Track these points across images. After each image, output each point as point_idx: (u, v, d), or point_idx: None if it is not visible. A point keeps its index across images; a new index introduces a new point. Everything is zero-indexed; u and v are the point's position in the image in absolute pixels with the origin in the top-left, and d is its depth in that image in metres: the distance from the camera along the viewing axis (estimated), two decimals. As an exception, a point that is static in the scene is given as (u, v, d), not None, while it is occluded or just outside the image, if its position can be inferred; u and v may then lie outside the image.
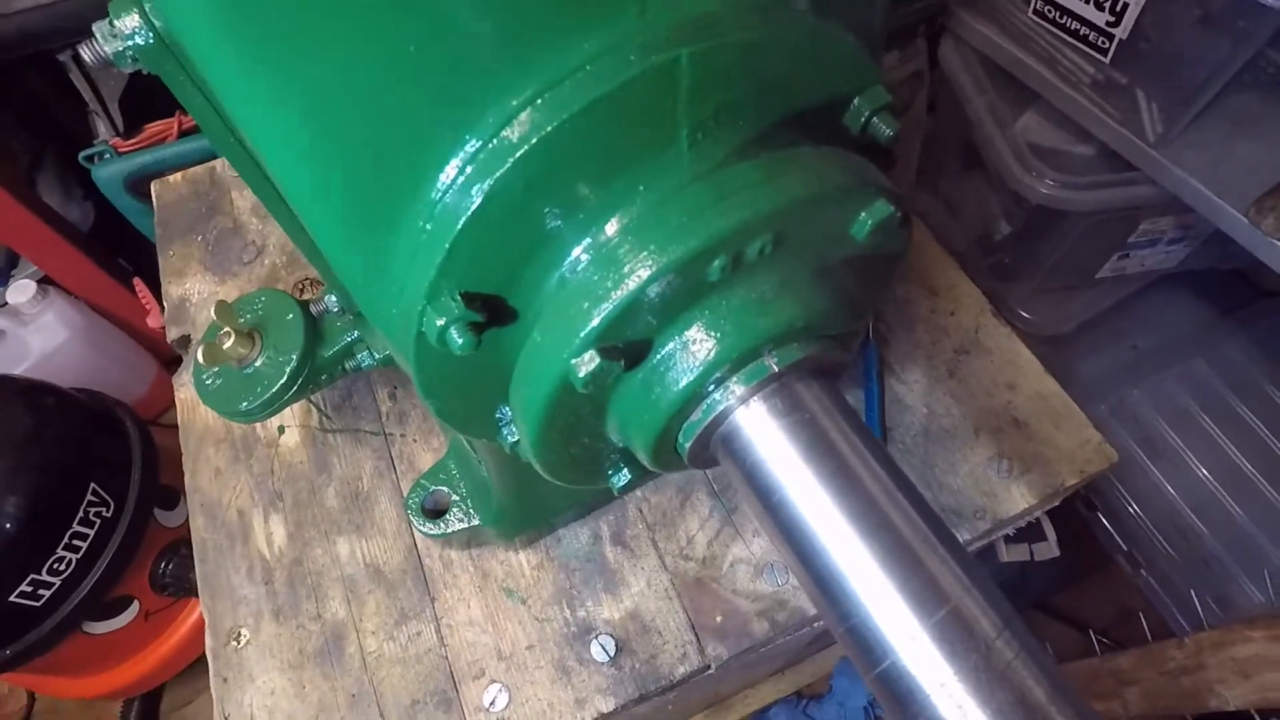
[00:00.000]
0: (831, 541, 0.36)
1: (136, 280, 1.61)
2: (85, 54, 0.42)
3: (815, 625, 0.70)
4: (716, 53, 0.33)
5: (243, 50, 0.29)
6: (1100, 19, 1.05)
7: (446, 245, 0.34)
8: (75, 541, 1.22)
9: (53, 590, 1.21)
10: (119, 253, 1.69)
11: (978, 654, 0.32)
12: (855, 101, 0.41)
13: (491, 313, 0.38)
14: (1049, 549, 1.21)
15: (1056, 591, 1.51)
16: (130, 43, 0.38)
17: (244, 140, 0.40)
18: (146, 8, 0.38)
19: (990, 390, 0.77)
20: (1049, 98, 1.17)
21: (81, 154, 1.35)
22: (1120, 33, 1.04)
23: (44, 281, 1.58)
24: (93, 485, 1.25)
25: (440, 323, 0.35)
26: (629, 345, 0.37)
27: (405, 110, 0.32)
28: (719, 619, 0.69)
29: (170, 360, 1.83)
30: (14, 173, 1.49)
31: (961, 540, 0.71)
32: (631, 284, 0.34)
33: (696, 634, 0.68)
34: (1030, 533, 1.20)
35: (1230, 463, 1.40)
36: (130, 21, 0.38)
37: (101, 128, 1.43)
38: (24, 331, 1.55)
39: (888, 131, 0.41)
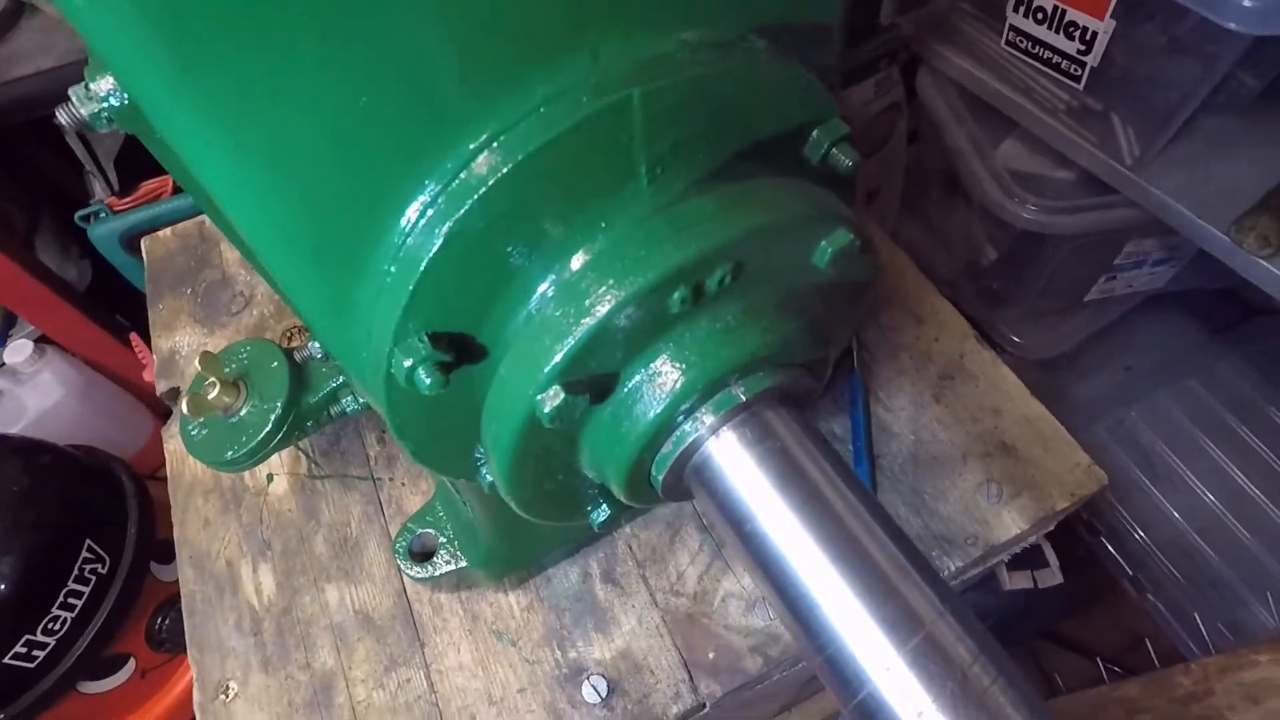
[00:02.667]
0: (804, 569, 0.36)
1: (133, 335, 1.62)
2: (62, 117, 0.44)
3: (811, 660, 0.69)
4: (669, 91, 0.34)
5: (198, 108, 0.30)
6: (1071, 48, 1.08)
7: (410, 287, 0.34)
8: (70, 600, 1.21)
9: (48, 650, 1.19)
10: (116, 309, 1.70)
11: (954, 680, 0.32)
12: (815, 134, 0.42)
13: (460, 351, 0.38)
14: (1052, 575, 1.19)
15: (1064, 619, 1.49)
16: (105, 104, 0.39)
17: (204, 187, 0.41)
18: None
19: (976, 415, 0.77)
20: (1027, 125, 1.19)
21: (78, 214, 1.38)
22: (1091, 60, 1.06)
23: (41, 340, 1.60)
24: (88, 542, 1.25)
25: (408, 364, 0.36)
26: (595, 379, 0.37)
27: (364, 158, 0.32)
28: (711, 655, 0.67)
29: (167, 413, 1.84)
30: (12, 236, 1.52)
31: (956, 568, 0.70)
32: (592, 318, 0.34)
33: (689, 672, 0.67)
34: (1033, 559, 1.18)
35: (1232, 483, 1.39)
36: (105, 84, 0.39)
37: (98, 188, 1.46)
38: (20, 390, 1.55)
39: (847, 162, 0.42)
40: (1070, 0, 1.03)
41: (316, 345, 0.69)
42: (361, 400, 0.70)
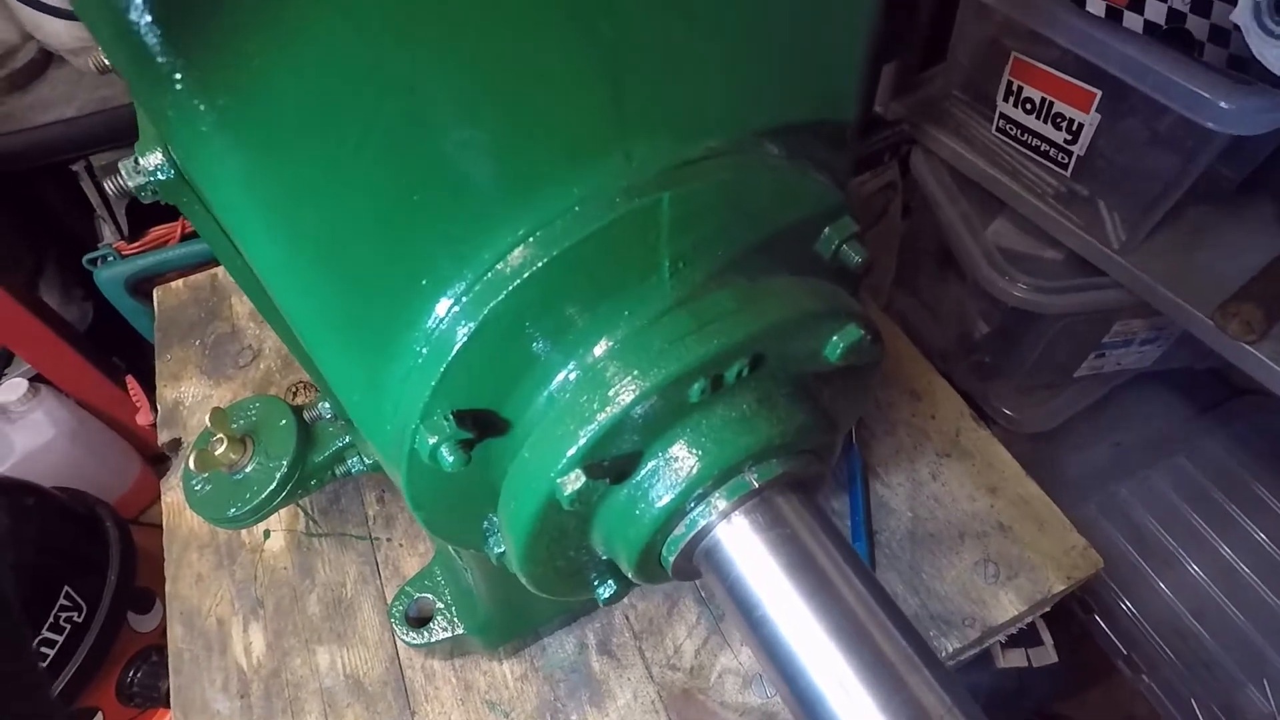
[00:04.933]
0: (813, 660, 0.36)
1: (129, 378, 1.62)
2: (109, 187, 0.46)
3: (807, 740, 0.68)
4: (696, 194, 0.36)
5: (253, 193, 0.31)
6: (1059, 137, 1.13)
7: (441, 369, 0.36)
8: (43, 649, 1.18)
9: (14, 703, 1.16)
10: (114, 351, 1.71)
11: (962, 778, 0.32)
12: (826, 231, 0.44)
13: (483, 427, 0.39)
14: (1047, 654, 1.19)
15: (1058, 699, 1.47)
16: (152, 178, 0.41)
17: (253, 268, 0.42)
18: (169, 147, 0.41)
19: (973, 494, 0.78)
20: (1016, 207, 1.24)
21: (86, 257, 1.39)
22: (1078, 149, 1.11)
23: (35, 379, 1.59)
24: (66, 589, 1.22)
25: (432, 441, 0.37)
26: (614, 463, 0.38)
27: (406, 247, 0.34)
28: (708, 734, 0.67)
29: (155, 457, 1.82)
30: (17, 274, 1.53)
31: (953, 649, 0.70)
32: (615, 407, 0.35)
33: (685, 751, 0.66)
34: (1027, 637, 1.18)
35: (1223, 562, 1.40)
36: (154, 159, 0.41)
37: (107, 231, 1.48)
38: (11, 429, 1.54)
39: (856, 258, 0.44)
40: (1057, 94, 1.09)
41: (326, 406, 0.70)
42: (367, 461, 0.71)
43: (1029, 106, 1.14)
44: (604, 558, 0.46)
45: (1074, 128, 1.09)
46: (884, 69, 1.34)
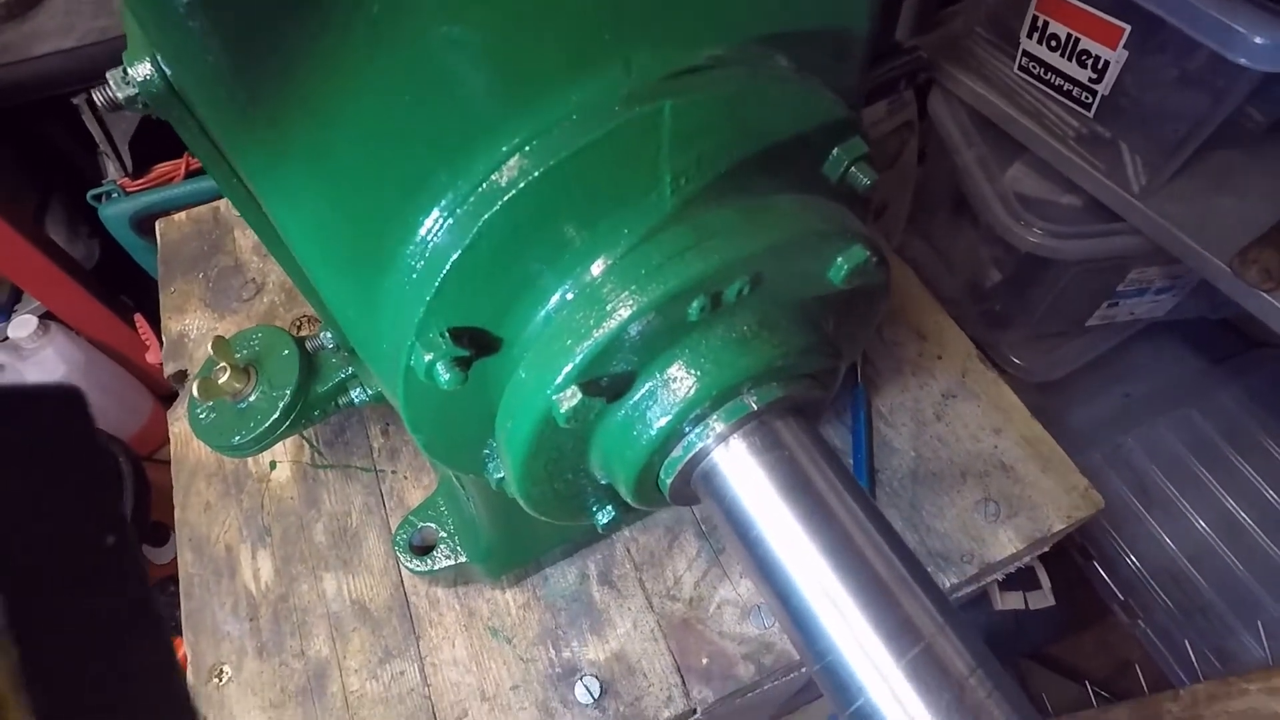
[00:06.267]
0: (806, 578, 0.36)
1: (137, 316, 1.63)
2: (97, 98, 0.45)
3: (802, 670, 0.70)
4: (699, 104, 0.35)
5: (236, 93, 0.30)
6: (1083, 75, 1.09)
7: (436, 283, 0.35)
8: (62, 578, 1.21)
9: (36, 628, 1.19)
10: (122, 289, 1.71)
11: (950, 692, 0.33)
12: (834, 152, 0.42)
13: (480, 345, 0.39)
14: (1044, 597, 1.20)
15: (1053, 641, 1.49)
16: (141, 89, 0.40)
17: (245, 181, 0.41)
18: (158, 57, 0.40)
19: (977, 434, 0.77)
20: (1035, 150, 1.20)
21: (90, 193, 1.38)
22: (1102, 89, 1.07)
23: (45, 317, 1.60)
24: (82, 521, 1.25)
25: (428, 358, 0.36)
26: (611, 382, 0.38)
27: (398, 157, 0.33)
28: (705, 661, 0.68)
29: (167, 395, 1.84)
30: (23, 211, 1.52)
31: (950, 585, 0.71)
32: (613, 322, 0.35)
33: (682, 676, 0.68)
34: (1025, 581, 1.19)
35: (1226, 512, 1.40)
36: (143, 69, 0.40)
37: (111, 168, 1.47)
38: (22, 366, 1.55)
39: (865, 180, 0.42)
40: (1084, 29, 1.05)
41: (328, 335, 0.70)
42: (370, 392, 0.71)
43: (1054, 43, 1.10)
44: (603, 482, 0.46)
45: (1099, 65, 1.05)
46: (903, 4, 1.29)
